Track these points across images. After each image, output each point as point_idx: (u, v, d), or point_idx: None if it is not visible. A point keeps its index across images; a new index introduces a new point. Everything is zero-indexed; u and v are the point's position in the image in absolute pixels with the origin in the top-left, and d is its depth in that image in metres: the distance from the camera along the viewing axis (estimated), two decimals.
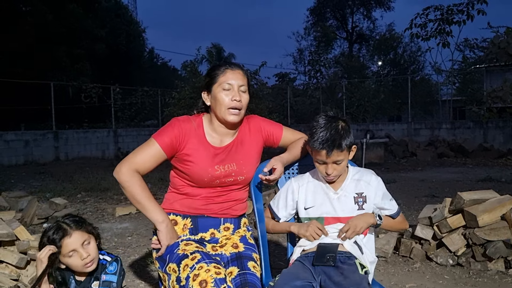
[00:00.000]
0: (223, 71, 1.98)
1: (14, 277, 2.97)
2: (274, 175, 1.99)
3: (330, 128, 1.84)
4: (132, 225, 5.16)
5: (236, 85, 1.97)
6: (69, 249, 1.85)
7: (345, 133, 1.85)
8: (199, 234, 2.03)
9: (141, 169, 1.95)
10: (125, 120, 16.55)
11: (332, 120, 1.88)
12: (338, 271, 1.75)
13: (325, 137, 1.83)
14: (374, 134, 13.81)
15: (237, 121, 1.99)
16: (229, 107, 1.95)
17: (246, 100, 2.00)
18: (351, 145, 1.90)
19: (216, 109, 1.98)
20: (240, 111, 1.98)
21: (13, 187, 8.06)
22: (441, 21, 13.68)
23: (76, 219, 1.94)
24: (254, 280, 1.85)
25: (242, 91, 1.98)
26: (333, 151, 1.82)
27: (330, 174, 1.88)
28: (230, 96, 1.95)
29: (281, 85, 21.54)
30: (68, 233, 1.86)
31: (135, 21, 30.55)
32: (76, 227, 1.89)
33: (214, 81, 1.99)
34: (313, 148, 1.88)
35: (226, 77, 1.97)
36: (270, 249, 2.16)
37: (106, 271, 1.94)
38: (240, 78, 1.99)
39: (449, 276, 3.33)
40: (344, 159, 1.88)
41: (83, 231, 1.90)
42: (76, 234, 1.87)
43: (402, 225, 2.10)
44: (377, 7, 33.14)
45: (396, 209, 2.01)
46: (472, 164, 11.31)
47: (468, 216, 3.42)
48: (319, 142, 1.83)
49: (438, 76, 19.55)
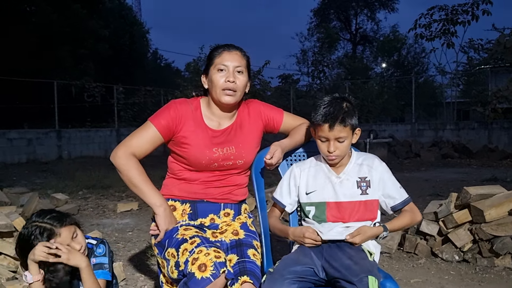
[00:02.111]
0: (220, 52, 1.95)
1: (12, 268, 2.94)
2: (274, 159, 1.94)
3: (334, 105, 1.81)
4: (133, 221, 5.12)
5: (231, 66, 1.92)
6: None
7: (349, 111, 1.81)
8: (198, 219, 1.98)
9: (138, 153, 1.91)
10: (128, 120, 16.52)
11: (338, 98, 1.85)
12: (345, 255, 1.69)
13: (329, 111, 1.79)
14: (377, 134, 13.75)
15: (232, 103, 1.94)
16: (223, 88, 1.91)
17: (243, 82, 1.95)
18: (355, 126, 1.85)
19: (212, 91, 1.95)
20: (236, 93, 1.93)
21: (15, 184, 8.04)
22: (446, 21, 13.59)
23: (55, 215, 1.83)
24: (254, 268, 1.79)
25: (238, 72, 1.94)
26: (336, 125, 1.78)
27: (332, 152, 1.82)
28: (225, 78, 1.91)
29: (284, 86, 21.52)
30: (55, 233, 1.77)
31: (139, 22, 30.63)
32: (60, 224, 1.79)
33: (211, 63, 1.96)
34: (315, 123, 1.83)
35: (222, 58, 1.93)
36: (272, 244, 2.11)
37: (95, 254, 1.88)
38: (237, 59, 1.94)
39: (455, 272, 3.26)
40: (347, 138, 1.83)
41: (68, 226, 1.81)
42: (64, 231, 1.78)
43: (413, 218, 1.92)
44: (381, 8, 33.19)
45: (404, 198, 1.90)
46: (477, 165, 11.22)
47: (474, 211, 3.36)
48: (322, 115, 1.79)
49: (442, 77, 19.47)
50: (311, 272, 1.71)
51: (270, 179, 5.93)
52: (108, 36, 22.80)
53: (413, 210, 1.92)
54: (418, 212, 1.95)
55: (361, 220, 1.84)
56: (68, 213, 1.92)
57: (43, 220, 1.79)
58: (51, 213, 1.84)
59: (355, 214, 1.85)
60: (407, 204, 1.91)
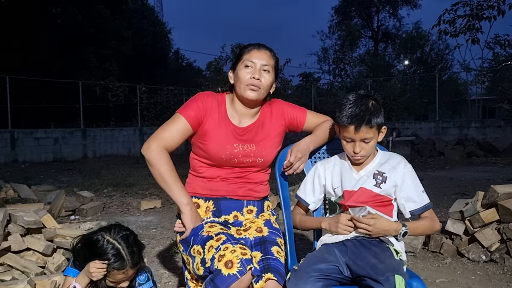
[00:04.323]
0: (249, 50, 1.97)
1: (41, 264, 3.01)
2: (295, 165, 1.97)
3: (360, 104, 1.77)
4: (156, 219, 5.19)
5: (258, 64, 1.93)
6: (115, 279, 1.81)
7: (375, 110, 1.78)
8: (222, 216, 2.00)
9: (169, 146, 1.93)
10: (151, 119, 16.73)
11: (363, 97, 1.81)
12: (371, 254, 1.68)
13: (354, 112, 1.75)
14: (400, 132, 13.56)
15: (255, 98, 1.94)
16: (247, 83, 1.92)
17: (268, 81, 1.96)
18: (381, 125, 1.81)
19: (236, 86, 1.97)
20: (260, 90, 1.93)
21: (42, 182, 8.24)
22: (471, 16, 13.28)
23: (136, 252, 1.85)
24: (278, 265, 1.79)
25: (264, 71, 1.95)
26: (362, 126, 1.75)
27: (357, 153, 1.80)
28: (251, 74, 1.92)
29: (305, 85, 21.43)
30: (124, 268, 1.80)
31: (161, 22, 30.95)
32: (133, 264, 1.83)
33: (239, 60, 1.98)
34: (341, 124, 1.81)
35: (250, 55, 1.95)
36: (295, 242, 2.10)
37: (139, 282, 1.93)
38: (265, 58, 1.95)
39: (482, 272, 3.20)
40: (373, 138, 1.80)
41: (135, 269, 1.85)
42: (130, 272, 1.83)
43: (433, 225, 1.84)
44: (404, 5, 32.62)
45: (425, 203, 1.83)
46: (503, 164, 10.94)
47: (502, 210, 3.28)
48: (348, 117, 1.76)
49: (467, 74, 19.07)
50: (335, 270, 1.70)
51: (293, 178, 5.93)
52: (131, 37, 23.15)
53: (433, 218, 1.85)
54: (438, 220, 1.88)
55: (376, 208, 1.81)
56: (142, 255, 1.93)
57: (124, 248, 1.82)
58: (136, 245, 1.87)
59: (369, 200, 1.81)
60: (427, 210, 1.84)
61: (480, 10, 13.21)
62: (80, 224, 3.61)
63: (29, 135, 13.46)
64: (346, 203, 1.84)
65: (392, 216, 1.85)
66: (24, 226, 3.03)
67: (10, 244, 2.91)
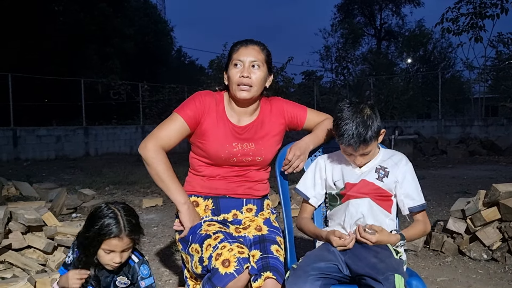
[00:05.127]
0: (237, 48, 1.95)
1: (42, 261, 3.01)
2: (295, 163, 1.98)
3: (355, 120, 1.75)
4: (158, 217, 5.19)
5: (247, 61, 1.92)
6: (109, 248, 1.76)
7: (371, 122, 1.77)
8: (221, 215, 2.00)
9: (166, 145, 1.92)
10: (153, 117, 16.68)
11: (356, 109, 1.79)
12: (371, 253, 1.67)
13: (351, 131, 1.74)
14: (402, 131, 13.53)
15: (248, 98, 1.93)
16: (238, 83, 1.91)
17: (259, 77, 1.93)
18: (379, 131, 1.82)
19: (229, 87, 1.96)
20: (251, 88, 1.91)
21: (44, 180, 8.25)
22: (474, 15, 13.22)
23: (133, 222, 1.80)
24: (277, 264, 1.79)
25: (254, 67, 1.92)
26: (360, 146, 1.77)
27: (358, 164, 1.87)
28: (240, 73, 1.91)
29: (307, 83, 21.40)
30: (120, 235, 1.75)
31: (163, 20, 30.92)
32: (129, 232, 1.77)
33: (229, 59, 1.97)
34: (338, 142, 1.83)
35: (238, 53, 1.94)
36: (296, 241, 2.10)
37: (142, 276, 1.87)
38: (253, 54, 1.93)
39: (483, 270, 3.19)
40: (373, 147, 1.84)
41: (131, 238, 1.80)
42: (125, 240, 1.77)
43: (425, 228, 1.92)
44: (407, 3, 32.52)
45: (423, 202, 1.89)
46: (506, 162, 10.90)
47: (504, 209, 3.27)
48: (345, 138, 1.76)
49: (470, 73, 19.00)
50: (335, 269, 1.70)
51: (294, 176, 5.92)
52: (133, 35, 23.14)
53: (426, 221, 1.92)
54: (429, 222, 1.95)
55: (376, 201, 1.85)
56: (142, 229, 1.87)
57: (123, 214, 1.78)
58: (133, 216, 1.82)
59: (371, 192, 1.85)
60: (423, 210, 1.91)
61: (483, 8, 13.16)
62: (81, 222, 3.61)
63: (31, 133, 13.50)
64: (348, 193, 1.86)
65: (391, 213, 1.89)
66: (25, 224, 3.03)
67: (11, 241, 2.92)
